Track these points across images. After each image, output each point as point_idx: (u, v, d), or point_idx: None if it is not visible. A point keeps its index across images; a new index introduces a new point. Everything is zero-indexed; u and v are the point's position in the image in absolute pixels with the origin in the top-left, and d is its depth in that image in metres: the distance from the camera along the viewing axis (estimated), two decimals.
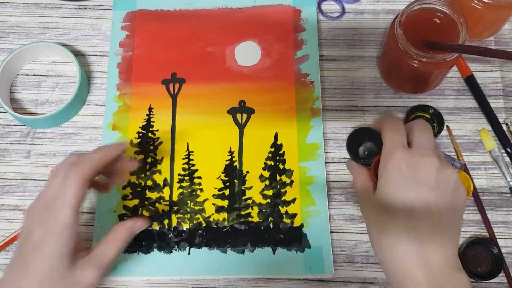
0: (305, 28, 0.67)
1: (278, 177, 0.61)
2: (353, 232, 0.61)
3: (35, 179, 0.63)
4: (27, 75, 0.68)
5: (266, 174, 0.62)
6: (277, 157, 0.62)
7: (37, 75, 0.67)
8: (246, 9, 0.68)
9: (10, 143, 0.64)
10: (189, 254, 0.59)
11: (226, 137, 0.63)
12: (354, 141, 0.60)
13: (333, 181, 0.62)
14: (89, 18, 0.70)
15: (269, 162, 0.62)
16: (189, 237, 0.59)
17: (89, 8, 0.70)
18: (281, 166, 0.62)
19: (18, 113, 0.63)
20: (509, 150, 0.63)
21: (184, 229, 0.60)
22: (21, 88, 0.67)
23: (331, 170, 0.63)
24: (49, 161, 0.64)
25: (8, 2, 0.71)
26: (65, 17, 0.70)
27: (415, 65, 0.58)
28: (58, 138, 0.64)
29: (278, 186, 0.61)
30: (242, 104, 0.64)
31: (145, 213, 0.60)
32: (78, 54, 0.68)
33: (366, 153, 0.60)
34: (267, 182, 0.61)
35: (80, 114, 0.66)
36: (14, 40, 0.69)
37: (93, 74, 0.67)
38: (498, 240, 0.60)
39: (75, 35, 0.69)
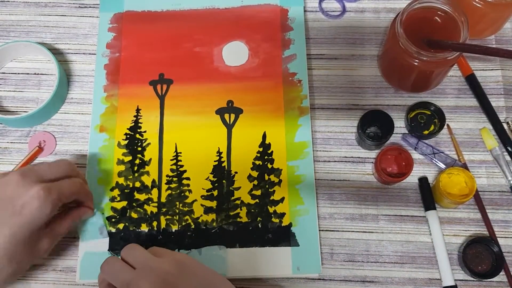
0: (293, 27, 0.67)
1: (266, 177, 0.61)
2: (353, 231, 0.60)
3: None
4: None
5: (255, 174, 0.61)
6: (266, 157, 0.62)
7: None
8: (234, 9, 0.68)
9: (11, 142, 0.65)
10: None
11: (214, 137, 0.63)
12: (365, 122, 0.61)
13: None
14: (90, 16, 0.70)
15: (257, 162, 0.62)
16: (178, 239, 0.59)
17: (90, 7, 0.71)
18: (269, 166, 0.61)
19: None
20: (509, 148, 0.62)
21: (173, 230, 0.59)
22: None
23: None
24: (48, 160, 0.63)
25: (8, 1, 0.71)
26: (65, 15, 0.70)
27: (415, 63, 0.58)
28: (59, 137, 0.65)
29: (267, 186, 0.61)
30: (230, 104, 0.64)
31: (134, 215, 0.60)
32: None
33: (372, 135, 0.62)
34: (255, 182, 0.61)
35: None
36: (15, 39, 0.69)
37: (89, 73, 0.67)
38: (498, 239, 0.59)
39: (75, 34, 0.69)
